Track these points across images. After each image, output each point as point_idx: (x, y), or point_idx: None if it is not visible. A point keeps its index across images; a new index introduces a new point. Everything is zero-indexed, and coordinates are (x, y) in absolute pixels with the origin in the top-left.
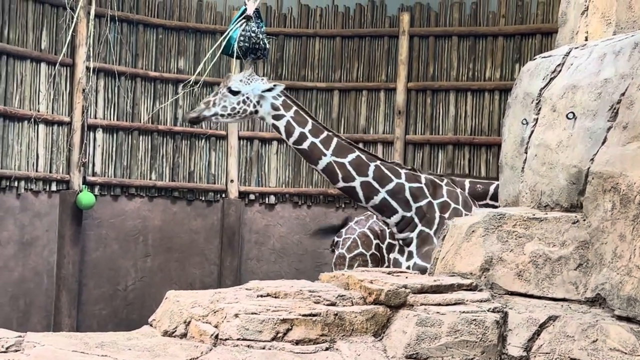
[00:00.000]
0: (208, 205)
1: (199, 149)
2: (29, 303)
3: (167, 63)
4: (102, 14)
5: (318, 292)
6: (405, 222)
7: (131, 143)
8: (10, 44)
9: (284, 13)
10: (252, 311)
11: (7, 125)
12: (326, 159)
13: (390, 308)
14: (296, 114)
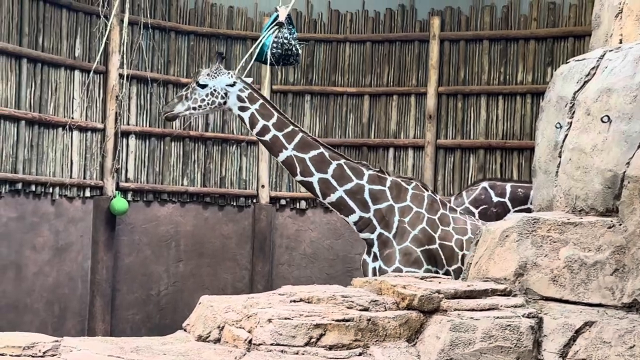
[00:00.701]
0: (239, 210)
1: (230, 154)
2: (63, 308)
3: (198, 69)
4: (134, 21)
5: (351, 297)
6: (364, 223)
7: (163, 149)
8: (45, 52)
9: (314, 18)
10: (285, 316)
11: (42, 132)
12: (287, 152)
13: (424, 313)
14: (261, 107)
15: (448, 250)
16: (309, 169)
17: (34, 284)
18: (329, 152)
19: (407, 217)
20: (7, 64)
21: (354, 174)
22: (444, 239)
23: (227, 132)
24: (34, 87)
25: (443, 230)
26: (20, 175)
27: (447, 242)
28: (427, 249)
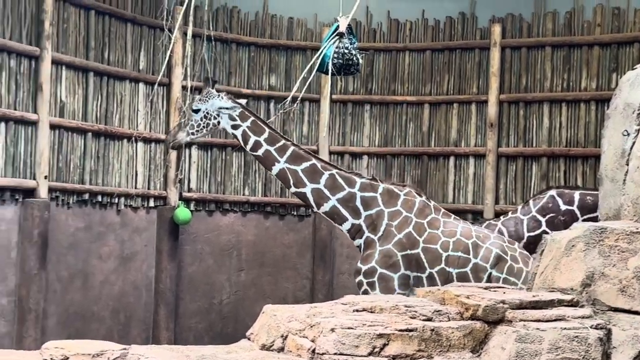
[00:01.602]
0: (300, 219)
1: None
2: (128, 316)
3: (259, 80)
4: (197, 33)
5: (414, 307)
6: (355, 230)
7: (225, 159)
8: (111, 65)
9: (373, 28)
10: (348, 326)
11: (108, 143)
12: (279, 165)
13: (488, 324)
14: (252, 124)
15: (432, 252)
16: (301, 180)
17: (100, 292)
18: (321, 163)
19: (395, 221)
20: (75, 77)
21: (346, 183)
22: (429, 242)
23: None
24: (100, 100)
25: (430, 234)
26: (87, 186)
27: (432, 245)
28: (408, 254)
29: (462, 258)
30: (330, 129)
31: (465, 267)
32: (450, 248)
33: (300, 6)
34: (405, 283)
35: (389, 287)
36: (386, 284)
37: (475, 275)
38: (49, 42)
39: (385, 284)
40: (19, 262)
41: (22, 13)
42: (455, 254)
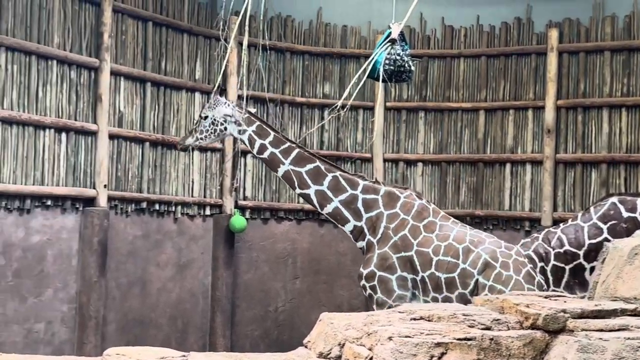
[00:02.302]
0: None
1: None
2: (186, 323)
3: (313, 88)
4: (251, 43)
5: (472, 316)
6: (358, 232)
7: None
8: (167, 75)
9: (427, 34)
10: (405, 334)
11: (165, 152)
12: (284, 167)
13: (549, 333)
14: (258, 128)
15: (424, 256)
16: (305, 181)
17: (158, 299)
18: (325, 165)
19: (392, 224)
20: (133, 88)
21: (348, 185)
22: (422, 246)
23: (341, 149)
24: (157, 110)
25: (424, 237)
26: (145, 194)
27: (425, 249)
28: (403, 256)
29: (451, 263)
30: (385, 137)
31: (453, 272)
32: (441, 252)
33: (354, 14)
34: (404, 284)
35: (388, 288)
36: (385, 286)
37: (462, 280)
38: (108, 53)
39: (384, 286)
40: (79, 270)
41: (82, 26)
42: (445, 259)
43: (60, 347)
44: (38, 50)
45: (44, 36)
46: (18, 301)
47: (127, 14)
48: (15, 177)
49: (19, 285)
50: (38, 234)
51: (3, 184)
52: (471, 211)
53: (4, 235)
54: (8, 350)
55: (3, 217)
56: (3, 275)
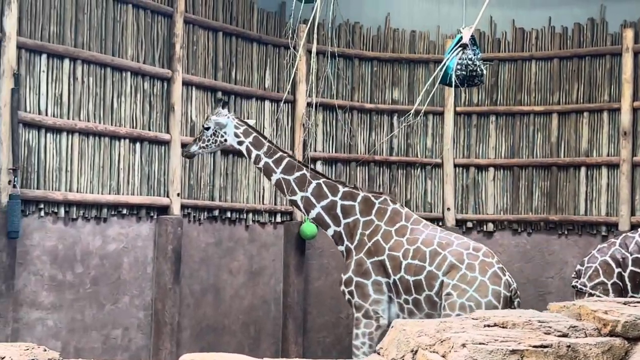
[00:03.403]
0: None
1: (415, 177)
2: (258, 330)
3: (382, 94)
4: (320, 50)
5: (548, 323)
6: (337, 236)
7: (349, 174)
8: (238, 84)
9: (497, 37)
10: (479, 341)
11: (236, 161)
12: (276, 175)
13: (628, 340)
14: (254, 139)
15: (394, 260)
16: (294, 188)
17: (230, 306)
18: (310, 173)
19: (367, 230)
20: (204, 97)
21: (330, 192)
22: (393, 250)
23: (412, 155)
24: None
25: (395, 241)
26: (217, 202)
27: (395, 253)
28: (376, 260)
29: (418, 266)
30: (455, 142)
31: (420, 275)
32: (409, 256)
33: (423, 19)
34: (379, 289)
35: (364, 293)
36: (362, 291)
37: (428, 282)
38: (180, 64)
39: (361, 291)
40: (154, 277)
41: (155, 37)
42: (413, 262)
43: (137, 352)
44: (113, 62)
45: (118, 48)
46: (96, 308)
47: (198, 24)
48: (92, 186)
49: (97, 293)
50: (114, 242)
51: (81, 194)
52: (545, 216)
53: (82, 243)
54: (87, 356)
55: (81, 225)
56: (82, 283)
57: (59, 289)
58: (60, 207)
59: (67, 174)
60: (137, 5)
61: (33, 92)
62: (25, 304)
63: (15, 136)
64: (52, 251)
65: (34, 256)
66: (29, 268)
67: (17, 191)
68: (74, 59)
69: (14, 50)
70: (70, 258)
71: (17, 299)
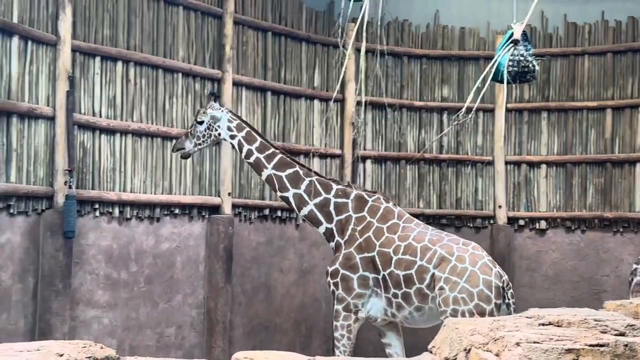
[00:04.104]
0: (476, 231)
1: (466, 175)
2: (309, 328)
3: (431, 92)
4: (369, 49)
5: (604, 321)
6: (329, 233)
7: (399, 172)
8: (287, 84)
9: (549, 33)
10: (534, 340)
11: None
12: (267, 171)
13: None
14: (247, 134)
15: (385, 255)
16: (285, 185)
17: (282, 305)
18: (303, 170)
19: (359, 226)
20: (254, 97)
21: (323, 189)
22: (384, 246)
23: (462, 153)
24: (277, 118)
25: (387, 238)
26: (267, 201)
27: (386, 249)
28: (366, 256)
29: (409, 261)
30: (506, 139)
31: (410, 269)
32: (400, 252)
33: (472, 15)
34: (365, 283)
35: (348, 286)
36: (347, 284)
37: (419, 276)
38: (230, 64)
39: (346, 284)
40: (206, 276)
41: (205, 39)
42: (404, 257)
43: (190, 350)
44: (164, 64)
45: (169, 50)
46: (150, 306)
47: (248, 25)
48: (145, 186)
49: (151, 291)
50: (167, 241)
51: (134, 194)
52: (600, 213)
53: (136, 243)
54: (142, 354)
55: (135, 225)
56: (136, 282)
57: (114, 287)
58: (115, 207)
59: (121, 175)
60: (187, 7)
61: (87, 94)
62: (81, 302)
63: (71, 138)
64: (107, 250)
65: (89, 255)
66: (85, 267)
67: (72, 192)
68: (126, 61)
69: (69, 53)
70: (125, 257)
71: (73, 297)
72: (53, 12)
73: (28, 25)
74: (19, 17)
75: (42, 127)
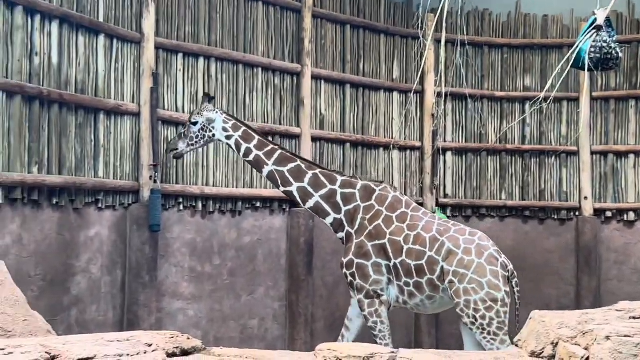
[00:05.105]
0: (561, 224)
1: (549, 166)
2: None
3: (513, 82)
4: (449, 39)
5: None
6: (337, 224)
7: (480, 164)
8: (366, 76)
9: (636, 19)
10: (625, 333)
11: (365, 153)
12: (268, 167)
13: None
14: (244, 133)
15: (396, 244)
16: (288, 179)
17: None
18: (305, 163)
19: (368, 215)
20: (333, 90)
21: (327, 181)
22: (394, 234)
23: (545, 143)
24: (356, 111)
25: (397, 227)
26: None
27: (396, 237)
28: (377, 244)
29: (419, 251)
30: (592, 128)
31: (421, 260)
32: (410, 241)
33: (555, 3)
34: (379, 270)
35: (364, 274)
36: (362, 272)
37: (430, 267)
38: (309, 58)
39: (361, 272)
40: (287, 269)
41: (284, 33)
42: (414, 247)
43: (273, 342)
44: (244, 59)
45: (249, 45)
46: (233, 299)
47: (326, 18)
48: (227, 181)
49: (234, 284)
50: (249, 234)
51: (217, 188)
52: None
53: (219, 236)
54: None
55: (217, 219)
56: (219, 274)
57: (199, 280)
58: (198, 201)
59: (204, 169)
60: (266, 2)
61: (170, 90)
62: (167, 294)
63: (155, 133)
64: (191, 244)
65: (174, 249)
66: (170, 260)
67: (157, 186)
68: (208, 57)
69: (152, 50)
70: (208, 250)
71: (159, 289)
72: (137, 11)
73: (113, 24)
74: (105, 16)
75: (128, 123)
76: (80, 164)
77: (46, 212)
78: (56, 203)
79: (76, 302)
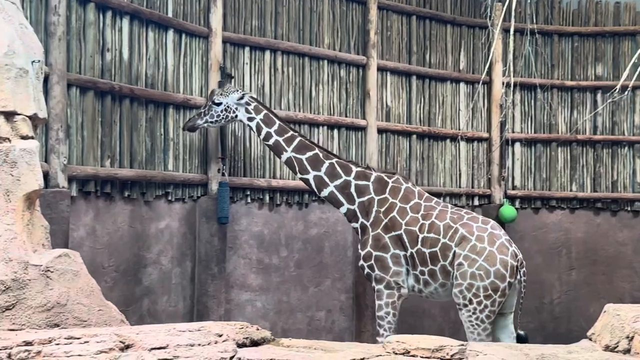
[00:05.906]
0: (634, 215)
1: (622, 157)
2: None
3: (583, 71)
4: (517, 28)
5: None
6: (351, 214)
7: (550, 155)
8: (432, 67)
9: None
10: None
11: (432, 144)
12: (287, 154)
13: None
14: (265, 117)
15: (412, 234)
16: (305, 167)
17: None
18: (323, 152)
19: (383, 208)
20: (399, 82)
21: (343, 171)
22: (409, 225)
23: (618, 133)
24: (423, 102)
25: (411, 217)
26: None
27: (412, 227)
28: (394, 235)
29: (434, 239)
30: None
31: (435, 247)
32: (425, 230)
33: None
34: (397, 261)
35: (384, 265)
36: (382, 264)
37: (443, 253)
38: (375, 50)
39: (381, 264)
40: (354, 261)
41: (350, 25)
42: (429, 235)
43: (340, 334)
44: (310, 51)
45: (315, 38)
46: (300, 290)
47: (392, 10)
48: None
49: (301, 275)
50: (316, 227)
51: (283, 180)
52: None
53: (286, 228)
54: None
55: (284, 211)
56: (287, 266)
57: (266, 271)
58: (265, 193)
59: (270, 162)
60: None
61: (238, 84)
62: (235, 286)
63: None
64: (258, 236)
65: (242, 241)
66: (239, 252)
67: (225, 179)
68: (274, 51)
69: (220, 44)
70: (276, 242)
71: (228, 281)
72: (205, 5)
73: (182, 19)
74: (174, 11)
75: None
76: (151, 157)
77: (118, 204)
78: (128, 196)
79: (148, 292)
